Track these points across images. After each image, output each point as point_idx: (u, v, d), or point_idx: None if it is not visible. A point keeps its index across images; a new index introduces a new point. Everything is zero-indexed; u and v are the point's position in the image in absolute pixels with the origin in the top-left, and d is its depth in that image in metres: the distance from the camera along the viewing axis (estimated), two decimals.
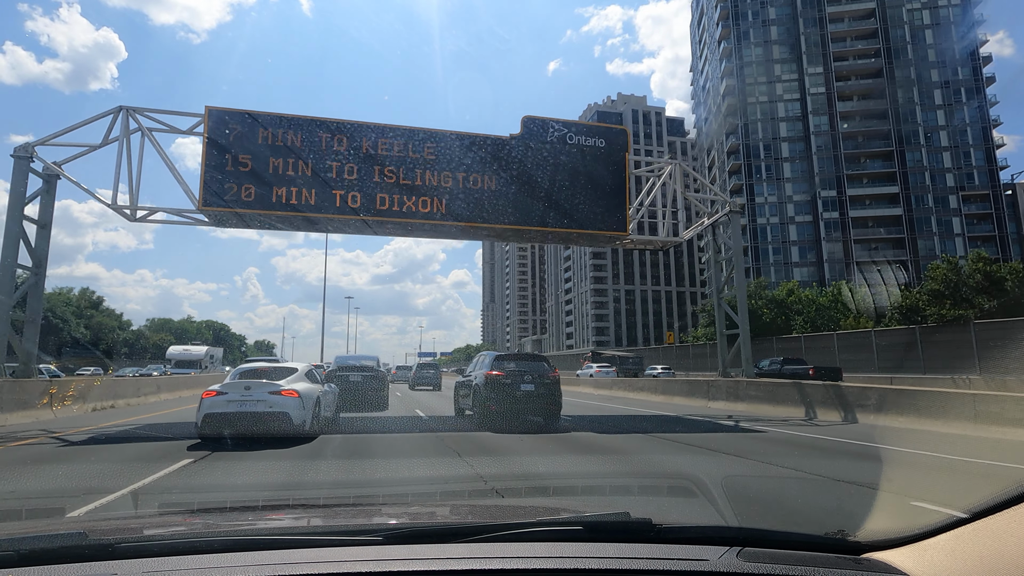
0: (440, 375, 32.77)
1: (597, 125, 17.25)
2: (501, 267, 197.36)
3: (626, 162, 17.38)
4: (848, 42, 72.75)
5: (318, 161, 14.66)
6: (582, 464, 7.71)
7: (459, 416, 14.04)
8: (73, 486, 6.06)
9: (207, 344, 42.02)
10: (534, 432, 10.89)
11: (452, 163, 15.54)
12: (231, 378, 10.01)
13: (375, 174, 14.99)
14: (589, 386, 30.89)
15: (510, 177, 15.90)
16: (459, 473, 6.77)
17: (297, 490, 5.98)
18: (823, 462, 7.82)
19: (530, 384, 12.03)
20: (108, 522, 2.29)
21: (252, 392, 9.20)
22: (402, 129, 15.49)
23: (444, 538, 1.51)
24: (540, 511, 2.41)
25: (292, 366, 11.13)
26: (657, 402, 21.62)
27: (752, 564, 1.34)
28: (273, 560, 1.31)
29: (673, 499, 5.59)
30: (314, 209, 14.51)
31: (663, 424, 12.99)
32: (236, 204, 14.10)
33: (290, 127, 14.67)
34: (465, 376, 14.04)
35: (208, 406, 9.07)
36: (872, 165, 69.91)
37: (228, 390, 9.22)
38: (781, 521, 4.82)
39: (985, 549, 1.27)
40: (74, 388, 15.07)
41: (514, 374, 12.11)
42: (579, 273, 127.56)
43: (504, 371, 12.09)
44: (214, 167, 14.10)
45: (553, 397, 12.22)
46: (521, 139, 16.25)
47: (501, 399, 11.71)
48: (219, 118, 14.33)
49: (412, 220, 15.15)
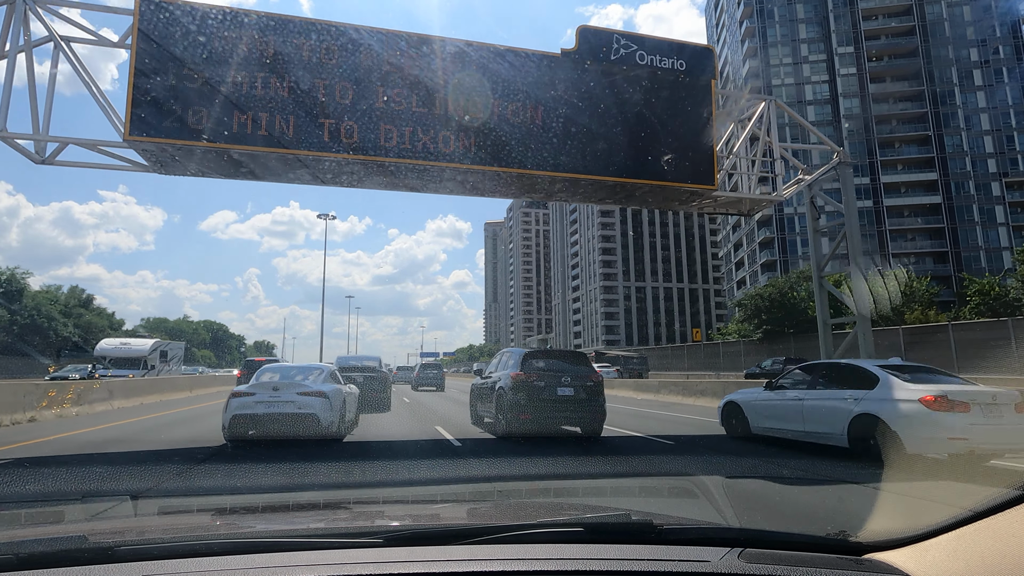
0: (443, 375, 32.14)
1: (675, 41, 12.90)
2: (505, 265, 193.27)
3: (712, 92, 13.04)
4: (880, 19, 68.25)
5: (299, 78, 10.37)
6: (583, 464, 7.68)
7: (479, 425, 12.04)
8: (73, 489, 6.09)
9: (151, 341, 32.16)
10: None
11: (486, 88, 11.27)
12: (257, 378, 9.73)
13: (378, 97, 10.70)
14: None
15: (562, 108, 11.63)
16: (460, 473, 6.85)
17: (297, 492, 5.94)
18: (825, 461, 7.90)
19: (568, 388, 9.94)
20: (108, 525, 2.36)
21: (281, 393, 9.01)
22: (416, 38, 11.20)
23: (445, 540, 1.48)
24: (541, 512, 2.43)
25: (319, 366, 10.74)
26: (672, 403, 19.68)
27: (753, 565, 1.34)
28: (273, 562, 1.31)
29: (674, 500, 5.41)
30: (293, 144, 10.21)
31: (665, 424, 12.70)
32: (179, 135, 9.79)
33: (259, 30, 10.38)
34: (484, 378, 11.84)
35: (237, 407, 8.89)
36: (907, 151, 65.46)
37: (256, 391, 9.05)
38: (783, 522, 4.89)
39: (987, 549, 1.26)
40: (73, 390, 14.79)
41: (548, 375, 9.97)
42: (587, 270, 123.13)
43: (535, 372, 9.96)
44: (147, 83, 9.78)
45: (596, 404, 10.10)
46: (577, 56, 11.96)
47: (534, 406, 9.67)
48: (157, 12, 10.02)
49: (430, 163, 10.87)
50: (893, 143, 65.73)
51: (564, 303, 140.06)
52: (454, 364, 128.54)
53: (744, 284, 76.54)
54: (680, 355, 50.30)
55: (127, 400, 17.38)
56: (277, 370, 10.25)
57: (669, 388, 22.18)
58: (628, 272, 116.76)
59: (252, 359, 23.65)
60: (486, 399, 11.22)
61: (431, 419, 13.89)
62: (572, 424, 10.27)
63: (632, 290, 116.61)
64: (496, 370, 11.13)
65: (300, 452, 8.25)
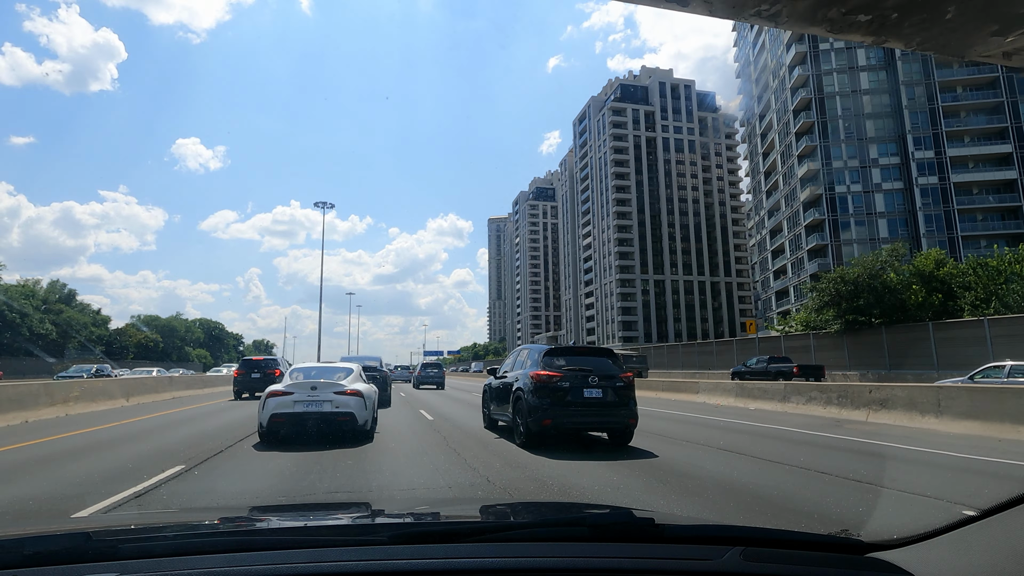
0: (444, 374, 32.59)
1: None
2: (511, 261, 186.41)
3: None
4: None
5: None
6: (585, 462, 7.40)
7: (492, 429, 11.16)
8: (77, 486, 5.91)
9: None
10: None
11: None
12: (291, 378, 9.86)
13: None
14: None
15: None
16: (464, 474, 6.58)
17: (303, 492, 5.61)
18: (826, 459, 7.57)
19: (596, 389, 8.75)
20: (112, 522, 2.41)
21: (318, 392, 9.23)
22: None
23: (448, 538, 1.48)
24: (545, 511, 2.43)
25: (348, 366, 10.99)
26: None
27: (755, 564, 1.34)
28: (277, 560, 1.30)
29: (676, 498, 5.34)
30: None
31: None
32: None
33: None
34: (499, 377, 10.95)
35: (275, 405, 9.04)
36: (974, 120, 58.24)
37: (294, 390, 9.23)
38: (785, 520, 4.67)
39: (990, 549, 1.25)
40: (78, 389, 15.03)
41: (573, 375, 8.80)
42: (601, 263, 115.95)
43: (559, 371, 8.83)
44: None
45: (627, 406, 8.86)
46: None
47: (557, 410, 8.58)
48: None
49: None
50: (959, 111, 58.51)
51: (576, 299, 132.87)
52: (456, 363, 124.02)
53: (785, 273, 69.41)
54: (726, 351, 43.18)
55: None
56: (308, 371, 10.29)
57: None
58: (647, 264, 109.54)
59: (250, 358, 23.18)
60: (502, 401, 10.44)
61: (434, 427, 12.12)
62: (600, 429, 9.30)
63: (651, 283, 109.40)
64: (512, 369, 10.45)
65: (303, 450, 8.08)
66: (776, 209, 71.10)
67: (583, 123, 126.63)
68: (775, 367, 28.44)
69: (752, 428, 11.63)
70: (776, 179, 70.54)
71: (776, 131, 69.36)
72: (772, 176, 72.52)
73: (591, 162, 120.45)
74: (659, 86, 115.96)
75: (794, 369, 27.41)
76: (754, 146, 78.79)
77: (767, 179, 74.28)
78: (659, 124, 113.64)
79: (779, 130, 68.69)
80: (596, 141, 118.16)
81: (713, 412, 15.26)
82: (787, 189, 67.16)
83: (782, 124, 67.25)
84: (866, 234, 57.90)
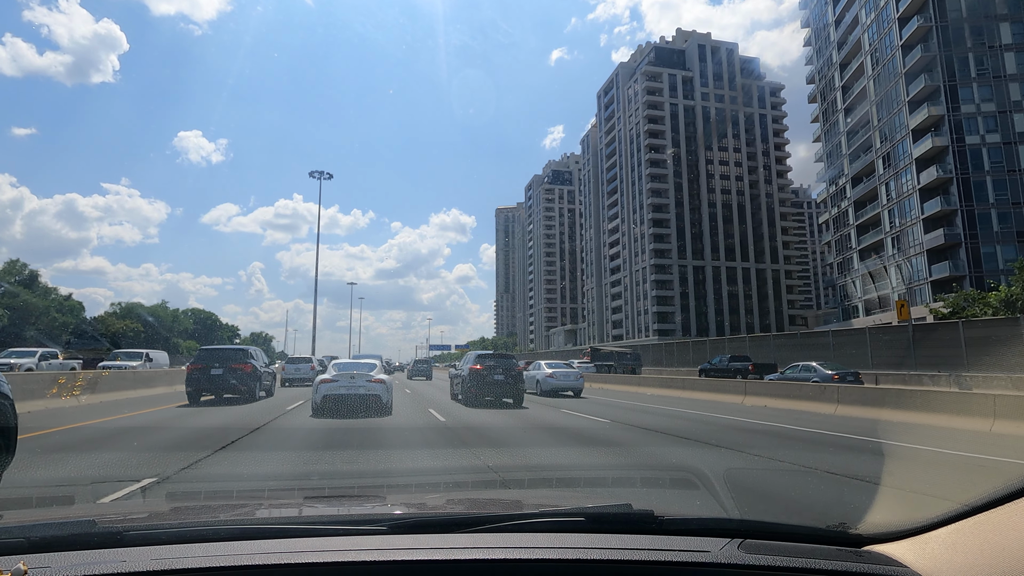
0: (432, 368, 43.24)
1: None
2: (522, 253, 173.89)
3: None
4: None
5: None
6: (585, 456, 7.98)
7: (454, 400, 18.29)
8: (82, 475, 6.12)
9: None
10: (536, 426, 11.56)
11: None
12: (335, 370, 13.64)
13: None
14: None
15: None
16: (465, 464, 7.10)
17: (304, 480, 6.08)
18: (824, 456, 8.01)
19: (500, 375, 16.63)
20: (117, 510, 2.45)
21: (356, 380, 13.04)
22: None
23: (448, 528, 1.49)
24: (543, 502, 2.45)
25: (372, 361, 15.10)
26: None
27: (753, 556, 1.35)
28: (278, 548, 1.32)
29: (675, 491, 5.42)
30: None
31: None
32: None
33: None
34: (457, 370, 18.97)
35: (326, 389, 12.87)
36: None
37: (339, 378, 13.04)
38: (783, 513, 4.83)
39: (986, 542, 1.26)
40: (83, 379, 15.74)
41: (490, 368, 16.69)
42: (632, 247, 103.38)
43: (483, 365, 16.79)
44: None
45: (517, 385, 16.84)
46: None
47: (480, 385, 16.45)
48: None
49: None
50: None
51: (600, 288, 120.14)
52: (458, 359, 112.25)
53: (879, 251, 56.73)
54: (861, 348, 30.48)
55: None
56: (346, 365, 14.26)
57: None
58: (684, 249, 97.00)
59: (210, 348, 20.60)
60: (455, 383, 18.78)
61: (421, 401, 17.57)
62: (504, 396, 16.95)
63: (689, 269, 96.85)
64: (462, 365, 18.55)
65: (306, 439, 9.06)
66: (868, 174, 58.38)
67: (609, 94, 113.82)
68: (735, 365, 30.91)
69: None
70: (868, 135, 57.79)
71: (870, 76, 56.51)
72: (857, 135, 59.77)
73: (619, 135, 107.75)
74: (698, 49, 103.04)
75: (750, 367, 29.83)
76: (829, 103, 65.97)
77: (849, 140, 61.56)
78: (698, 91, 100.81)
79: (873, 75, 55.86)
80: (626, 112, 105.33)
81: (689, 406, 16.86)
82: (887, 147, 54.43)
83: (887, 63, 54.31)
84: (1007, 198, 45.23)
